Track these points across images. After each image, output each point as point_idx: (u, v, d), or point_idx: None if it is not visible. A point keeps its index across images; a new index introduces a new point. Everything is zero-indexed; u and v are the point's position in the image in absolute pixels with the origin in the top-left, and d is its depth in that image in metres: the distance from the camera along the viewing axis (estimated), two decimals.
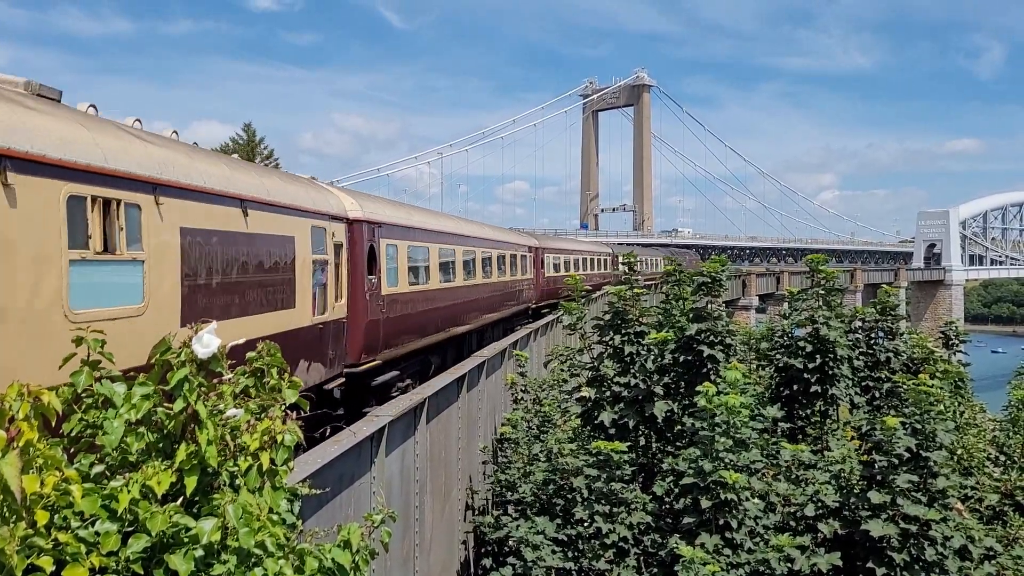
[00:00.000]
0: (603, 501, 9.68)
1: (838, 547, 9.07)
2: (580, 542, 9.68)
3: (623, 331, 11.37)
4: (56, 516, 2.50)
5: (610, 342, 11.47)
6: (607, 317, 11.68)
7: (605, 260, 46.82)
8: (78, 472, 2.69)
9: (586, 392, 11.38)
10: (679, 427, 10.65)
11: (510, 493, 11.32)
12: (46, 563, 2.27)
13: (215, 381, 3.08)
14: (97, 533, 2.56)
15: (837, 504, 9.34)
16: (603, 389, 11.12)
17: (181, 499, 2.79)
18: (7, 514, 2.12)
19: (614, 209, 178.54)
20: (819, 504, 9.32)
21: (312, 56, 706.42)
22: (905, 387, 10.03)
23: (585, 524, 9.72)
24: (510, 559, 9.69)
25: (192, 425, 2.83)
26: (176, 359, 2.86)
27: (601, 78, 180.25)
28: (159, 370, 2.90)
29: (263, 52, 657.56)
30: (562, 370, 13.35)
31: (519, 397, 14.15)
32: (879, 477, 9.16)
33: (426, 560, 8.92)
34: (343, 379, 13.16)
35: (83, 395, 2.91)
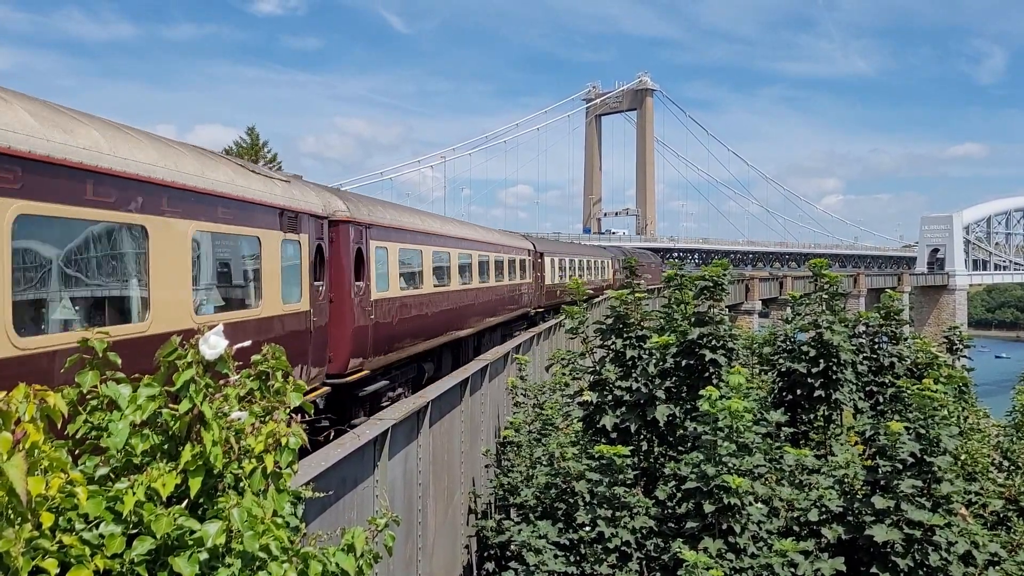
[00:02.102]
0: (605, 505, 9.67)
1: (842, 552, 9.05)
2: (582, 546, 9.66)
3: (625, 335, 11.37)
4: (61, 518, 2.50)
5: (612, 346, 11.46)
6: (609, 321, 11.68)
7: (522, 261, 29.68)
8: (83, 474, 2.70)
9: (588, 396, 11.37)
10: (681, 431, 10.63)
11: (512, 497, 11.31)
12: (51, 565, 2.27)
13: (221, 383, 3.08)
14: (102, 535, 2.56)
15: (841, 509, 9.32)
16: (605, 393, 11.11)
17: (186, 502, 2.79)
18: (12, 516, 2.12)
19: (617, 213, 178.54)
20: (823, 509, 9.29)
21: (314, 60, 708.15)
22: (909, 392, 10.01)
23: (587, 528, 9.71)
24: (512, 563, 9.68)
25: (197, 427, 2.83)
26: (182, 360, 2.86)
27: (604, 82, 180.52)
28: (165, 371, 2.90)
29: (266, 56, 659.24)
30: (564, 374, 13.33)
31: (519, 401, 14.14)
32: (883, 482, 9.14)
33: (428, 564, 8.91)
34: None
35: (88, 396, 2.92)
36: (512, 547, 9.91)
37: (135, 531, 2.63)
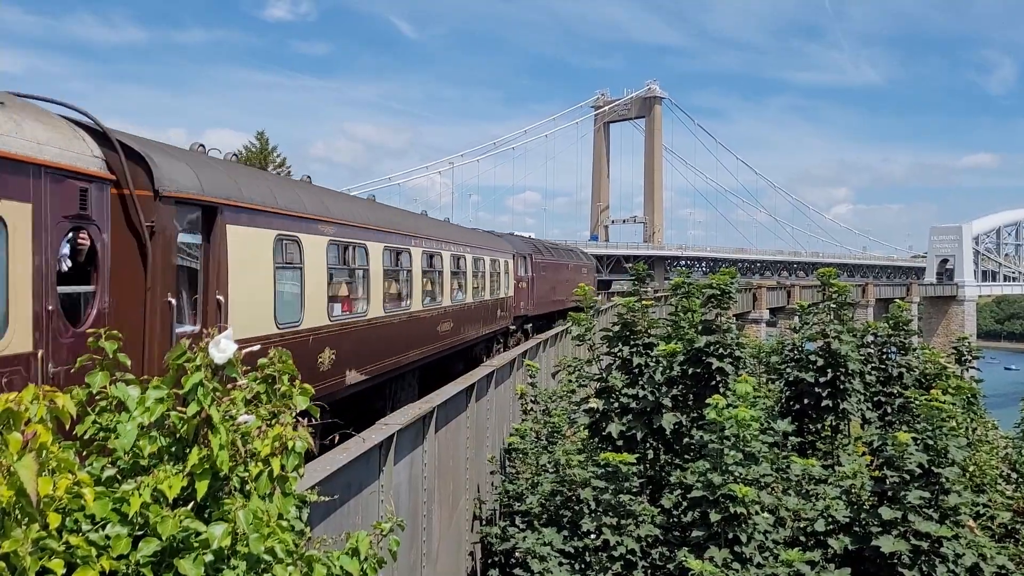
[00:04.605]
0: (611, 513, 9.65)
1: (848, 563, 9.01)
2: (587, 554, 9.64)
3: (632, 343, 11.36)
4: (67, 519, 2.51)
5: (618, 353, 11.45)
6: (616, 328, 11.68)
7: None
8: (90, 475, 2.70)
9: (594, 403, 11.36)
10: (687, 440, 10.61)
11: (517, 504, 11.29)
12: (57, 566, 2.27)
13: (229, 386, 3.09)
14: (108, 536, 2.57)
15: (848, 519, 9.28)
16: (611, 401, 11.10)
17: (192, 504, 2.80)
18: (20, 516, 2.13)
19: (624, 221, 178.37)
20: (829, 519, 9.26)
21: (324, 65, 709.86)
22: (917, 403, 9.97)
23: (592, 536, 9.69)
24: (517, 570, 9.66)
25: (205, 429, 2.84)
26: (191, 363, 2.87)
27: (613, 90, 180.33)
28: (174, 374, 2.91)
29: (276, 61, 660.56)
30: (570, 381, 13.33)
31: (528, 408, 14.13)
32: (890, 493, 9.11)
33: (433, 570, 8.90)
34: None
35: (97, 397, 2.93)
36: (516, 554, 9.89)
37: (141, 532, 2.64)
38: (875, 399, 13.04)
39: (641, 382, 10.96)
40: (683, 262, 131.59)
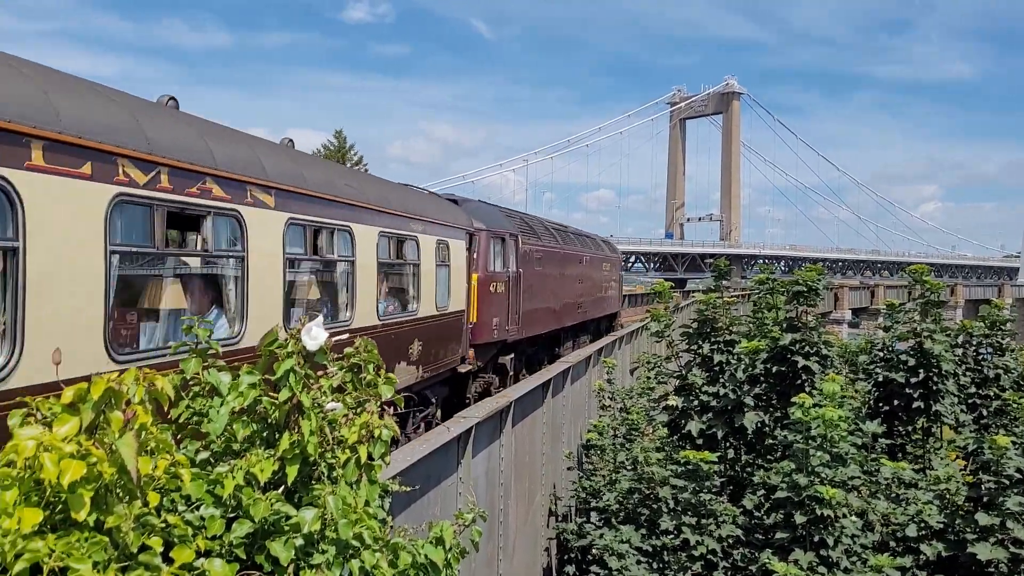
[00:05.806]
0: (690, 512, 9.49)
1: (941, 570, 8.66)
2: (666, 553, 9.50)
3: (712, 339, 11.15)
4: (164, 499, 2.56)
5: (698, 351, 11.25)
6: (695, 325, 11.47)
7: None
8: (185, 457, 2.76)
9: (673, 401, 11.19)
10: (770, 440, 10.35)
11: (594, 500, 11.20)
12: (156, 543, 2.32)
13: (319, 374, 3.12)
14: (202, 517, 2.62)
15: (941, 525, 8.91)
16: (691, 398, 10.91)
17: (282, 488, 2.83)
18: (121, 493, 2.17)
19: (700, 219, 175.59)
20: (921, 524, 8.90)
21: (401, 66, 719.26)
22: (1016, 405, 9.50)
23: (671, 535, 9.54)
24: (593, 567, 9.58)
25: (295, 415, 2.87)
26: (283, 350, 2.90)
27: (689, 86, 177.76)
28: (266, 360, 2.95)
29: (354, 62, 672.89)
30: (649, 378, 13.16)
31: (606, 404, 14.02)
32: (987, 499, 8.71)
33: (509, 563, 8.90)
34: None
35: (191, 383, 2.99)
36: (593, 551, 9.81)
37: (234, 515, 2.68)
38: (969, 402, 12.48)
39: (722, 380, 10.74)
40: (761, 261, 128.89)
